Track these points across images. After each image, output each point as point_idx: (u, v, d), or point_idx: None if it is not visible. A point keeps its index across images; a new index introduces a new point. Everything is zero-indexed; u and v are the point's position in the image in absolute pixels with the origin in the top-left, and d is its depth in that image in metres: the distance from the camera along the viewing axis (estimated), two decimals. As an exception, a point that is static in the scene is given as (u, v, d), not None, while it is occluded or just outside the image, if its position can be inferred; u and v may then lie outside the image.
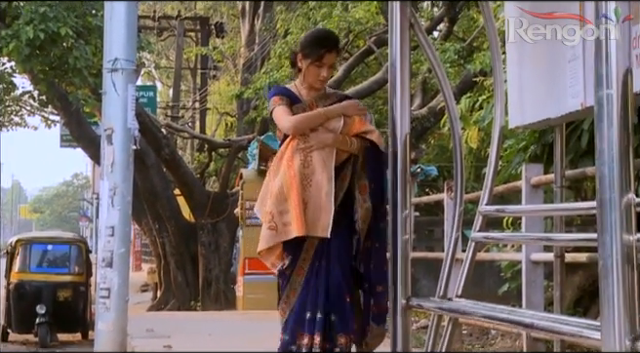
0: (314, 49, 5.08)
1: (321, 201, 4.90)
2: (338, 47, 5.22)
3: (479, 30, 17.06)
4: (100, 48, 13.36)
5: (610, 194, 2.83)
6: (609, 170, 2.83)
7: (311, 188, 4.91)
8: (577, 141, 6.96)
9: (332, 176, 4.94)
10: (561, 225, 5.77)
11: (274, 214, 4.95)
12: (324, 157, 4.95)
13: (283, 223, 4.91)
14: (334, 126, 5.04)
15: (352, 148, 5.06)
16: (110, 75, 4.80)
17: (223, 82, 34.17)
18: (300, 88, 5.21)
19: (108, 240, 4.92)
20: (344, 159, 5.07)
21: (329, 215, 4.90)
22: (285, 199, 4.91)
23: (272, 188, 5.01)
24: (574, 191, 7.53)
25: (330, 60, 5.11)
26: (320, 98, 5.20)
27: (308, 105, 5.14)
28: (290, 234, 4.89)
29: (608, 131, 2.84)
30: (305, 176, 4.93)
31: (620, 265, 2.89)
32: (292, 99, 5.12)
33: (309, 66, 5.09)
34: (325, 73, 5.10)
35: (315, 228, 4.91)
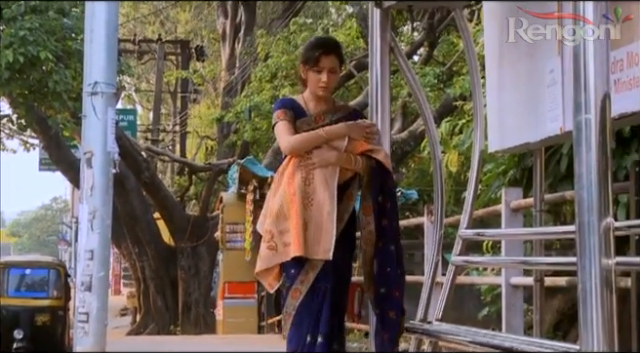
0: (311, 53, 4.84)
1: (322, 221, 4.62)
2: (336, 50, 4.91)
3: (459, 55, 17.14)
4: (79, 72, 13.35)
5: (588, 218, 2.85)
6: (588, 194, 2.85)
7: (312, 207, 4.64)
8: (556, 165, 6.99)
9: (334, 196, 4.66)
10: (540, 249, 5.79)
11: (274, 233, 4.67)
12: (326, 175, 4.69)
13: (283, 243, 4.64)
14: (338, 143, 4.76)
15: (357, 167, 4.77)
16: (90, 98, 4.78)
17: (204, 105, 34.14)
18: (308, 100, 4.90)
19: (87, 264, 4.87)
20: (349, 178, 4.80)
21: (330, 236, 4.60)
22: (285, 218, 4.66)
23: (272, 206, 4.76)
24: (553, 215, 7.56)
25: (328, 64, 4.79)
26: (327, 111, 4.89)
27: (314, 119, 4.84)
28: (289, 254, 4.62)
29: (586, 155, 2.86)
30: (306, 195, 4.66)
31: (599, 289, 2.89)
32: (297, 113, 4.83)
33: (309, 73, 4.84)
34: (324, 78, 4.78)
35: (316, 250, 4.62)
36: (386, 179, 4.83)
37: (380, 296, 4.79)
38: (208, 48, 32.26)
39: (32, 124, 18.48)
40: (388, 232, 4.79)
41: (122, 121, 26.54)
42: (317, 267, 4.65)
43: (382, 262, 4.78)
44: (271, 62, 20.30)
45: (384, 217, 4.79)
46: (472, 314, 10.32)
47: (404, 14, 17.87)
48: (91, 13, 4.85)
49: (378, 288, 4.79)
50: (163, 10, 33.50)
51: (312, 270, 4.66)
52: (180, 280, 21.44)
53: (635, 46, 4.26)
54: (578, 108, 2.87)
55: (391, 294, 4.77)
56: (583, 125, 2.86)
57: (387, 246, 4.78)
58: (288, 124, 4.78)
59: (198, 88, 32.75)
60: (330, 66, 4.79)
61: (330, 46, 4.94)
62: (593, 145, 2.83)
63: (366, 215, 4.78)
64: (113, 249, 24.04)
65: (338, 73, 4.89)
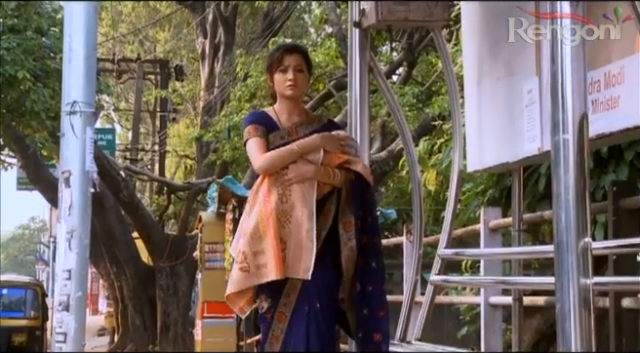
0: (273, 55, 4.70)
1: (301, 239, 4.38)
2: (299, 50, 4.73)
3: (438, 75, 17.21)
4: (58, 91, 13.30)
5: (567, 238, 2.86)
6: (566, 214, 2.86)
7: (290, 225, 4.40)
8: (534, 185, 7.01)
9: (313, 212, 4.42)
10: (519, 269, 5.80)
11: (247, 254, 4.41)
12: (304, 191, 4.46)
13: (256, 266, 4.38)
14: (314, 157, 4.52)
15: (335, 181, 4.54)
16: (69, 118, 4.76)
17: (183, 125, 34.10)
18: (280, 112, 4.67)
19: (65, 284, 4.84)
20: (327, 192, 4.55)
21: (310, 255, 4.36)
22: (260, 238, 4.40)
23: (246, 226, 4.48)
24: (531, 235, 7.57)
25: (292, 61, 4.59)
26: (301, 123, 4.66)
27: (287, 132, 4.61)
28: (264, 277, 4.37)
29: (564, 175, 2.87)
30: (284, 213, 4.41)
31: (578, 309, 2.90)
32: (269, 126, 4.60)
33: (275, 77, 4.64)
34: (291, 75, 4.57)
35: (296, 270, 4.38)
36: (366, 193, 4.62)
37: (362, 319, 4.53)
38: (187, 67, 32.25)
39: (10, 143, 18.41)
40: (369, 249, 4.55)
41: (101, 140, 26.47)
42: (297, 289, 4.42)
43: (364, 281, 4.53)
44: (250, 82, 20.32)
45: (365, 234, 4.56)
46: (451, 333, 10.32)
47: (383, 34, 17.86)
48: (69, 32, 4.84)
49: (360, 309, 4.54)
50: (142, 29, 33.48)
51: (292, 292, 4.44)
52: (158, 299, 21.34)
53: (612, 67, 4.29)
54: (555, 128, 2.88)
55: (375, 314, 4.52)
56: (561, 145, 2.87)
57: (369, 263, 4.54)
58: (259, 140, 4.57)
59: (177, 107, 32.72)
60: (295, 64, 4.60)
61: (291, 46, 4.84)
62: (571, 165, 2.84)
63: (347, 231, 4.53)
64: (91, 268, 23.90)
65: (305, 74, 4.67)
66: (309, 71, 4.70)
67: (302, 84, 4.65)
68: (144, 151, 34.81)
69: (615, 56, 4.29)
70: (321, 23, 23.09)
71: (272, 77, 4.66)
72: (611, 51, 4.31)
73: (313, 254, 4.37)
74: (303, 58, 4.66)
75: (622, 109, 4.23)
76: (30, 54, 14.54)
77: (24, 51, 14.42)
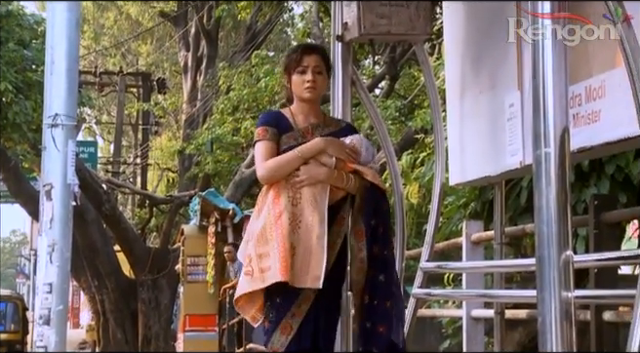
0: (291, 56, 4.45)
1: (311, 246, 4.10)
2: (318, 50, 4.48)
3: (420, 88, 17.25)
4: (39, 103, 13.27)
5: (548, 251, 2.86)
6: (547, 227, 2.87)
7: (300, 230, 4.13)
8: (516, 199, 7.04)
9: (324, 217, 4.16)
10: (501, 282, 5.81)
11: (252, 257, 4.16)
12: (315, 194, 4.20)
13: (260, 269, 4.12)
14: (326, 159, 4.29)
15: (349, 186, 4.30)
16: (50, 130, 4.75)
17: (165, 138, 34.05)
18: (296, 113, 4.43)
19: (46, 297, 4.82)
20: (340, 199, 4.31)
21: (321, 262, 4.09)
22: (266, 241, 4.14)
23: (254, 229, 4.25)
24: (513, 248, 7.60)
25: (311, 62, 4.36)
26: (317, 124, 4.43)
27: (302, 133, 4.36)
28: (267, 280, 4.10)
29: (546, 188, 2.88)
30: (294, 216, 4.15)
31: (559, 322, 2.91)
32: (283, 127, 4.36)
33: (293, 78, 4.41)
34: (309, 77, 4.34)
35: (304, 279, 4.09)
36: (381, 202, 4.38)
37: (364, 331, 4.31)
38: (169, 80, 32.23)
39: (-9, 155, 18.31)
40: (379, 261, 4.29)
41: (82, 153, 26.37)
42: (310, 299, 4.17)
43: (371, 294, 4.30)
44: (233, 95, 20.31)
45: (375, 244, 4.30)
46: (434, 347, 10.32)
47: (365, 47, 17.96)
48: (51, 44, 4.83)
49: (364, 322, 4.31)
50: (124, 42, 33.44)
51: (305, 303, 4.18)
52: (140, 313, 21.24)
53: (593, 80, 4.31)
54: (537, 142, 2.89)
55: (375, 328, 4.27)
56: (543, 159, 2.88)
57: (376, 276, 4.29)
58: (268, 144, 4.32)
59: (159, 120, 32.66)
60: (314, 65, 4.37)
61: (311, 46, 4.63)
62: (553, 179, 2.85)
63: (358, 241, 4.30)
64: (73, 282, 23.79)
65: (324, 75, 4.44)
66: (328, 72, 4.50)
67: (322, 86, 4.44)
68: (126, 164, 34.72)
69: (595, 70, 4.31)
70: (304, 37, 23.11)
71: (290, 78, 4.43)
72: (592, 65, 4.33)
73: (324, 261, 4.11)
74: (323, 59, 4.43)
75: (603, 123, 4.25)
76: (12, 66, 14.50)
77: (6, 63, 14.38)
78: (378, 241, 4.31)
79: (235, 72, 20.90)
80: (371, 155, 4.46)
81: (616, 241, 5.85)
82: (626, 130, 3.94)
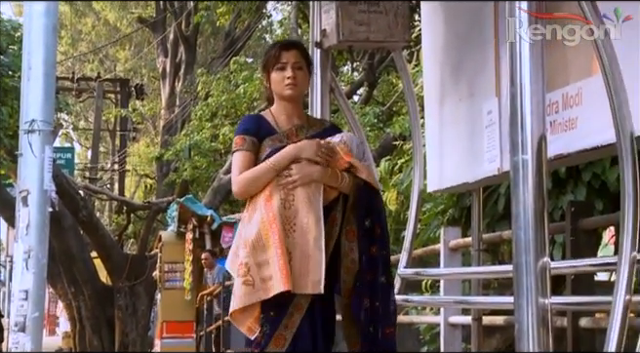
0: (269, 53, 4.23)
1: (308, 249, 3.89)
2: (297, 46, 4.24)
3: (398, 95, 17.29)
4: (16, 109, 13.19)
5: (525, 258, 2.87)
6: (525, 234, 2.88)
7: (295, 234, 3.92)
8: (493, 205, 7.05)
9: (320, 218, 3.94)
10: (479, 288, 5.82)
11: (250, 266, 3.89)
12: (309, 195, 3.99)
13: (262, 278, 3.88)
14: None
15: (343, 185, 4.08)
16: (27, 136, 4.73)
17: (143, 144, 33.98)
18: (278, 114, 4.19)
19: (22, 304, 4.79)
20: (332, 198, 4.08)
21: (319, 266, 3.88)
22: (264, 248, 3.90)
23: (247, 236, 3.97)
24: (491, 254, 7.61)
25: (290, 58, 4.13)
26: (301, 126, 4.18)
27: (286, 135, 4.13)
28: (271, 290, 3.86)
29: (523, 195, 2.89)
30: (287, 219, 3.93)
31: (536, 328, 2.92)
32: (264, 132, 4.12)
33: (272, 77, 4.17)
34: (290, 73, 4.10)
35: (304, 284, 3.89)
36: (374, 201, 4.16)
37: (368, 336, 4.04)
38: (148, 86, 32.16)
39: (-33, 162, 18.20)
40: (379, 262, 4.06)
41: (59, 159, 26.22)
42: (303, 308, 3.95)
43: (372, 297, 4.04)
44: (212, 101, 20.30)
45: (374, 245, 4.07)
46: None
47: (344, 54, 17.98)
48: (28, 50, 4.81)
49: (366, 326, 4.04)
50: (102, 48, 33.36)
51: (297, 311, 3.96)
52: (116, 320, 21.16)
53: (570, 88, 4.34)
54: (515, 149, 2.90)
55: (383, 332, 4.04)
56: (520, 165, 2.89)
57: (378, 278, 4.06)
58: (244, 156, 4.10)
59: (137, 126, 32.58)
60: (293, 61, 4.13)
61: (290, 41, 4.41)
62: (530, 186, 2.86)
63: (349, 241, 4.08)
64: (49, 288, 23.65)
65: (305, 72, 4.19)
66: (309, 69, 4.24)
67: (303, 83, 4.19)
68: (104, 170, 34.61)
69: (572, 77, 4.33)
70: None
71: (269, 77, 4.19)
72: (569, 73, 4.35)
73: (323, 264, 3.90)
74: (302, 55, 4.19)
75: (580, 130, 4.27)
76: (-12, 71, 14.44)
77: (-18, 69, 14.31)
78: (375, 242, 4.07)
79: (214, 78, 20.89)
80: (362, 152, 4.22)
81: (592, 248, 5.87)
82: (603, 137, 3.96)
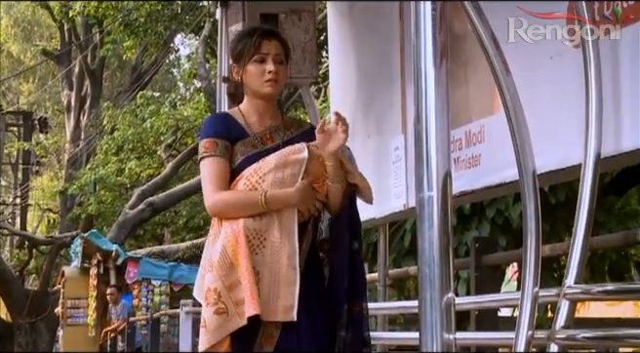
0: (245, 41, 3.50)
1: (280, 268, 3.29)
2: (279, 36, 3.55)
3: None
4: None
5: (430, 293, 2.89)
6: (430, 269, 2.90)
7: (264, 250, 3.30)
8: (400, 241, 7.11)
9: (294, 231, 3.34)
10: (385, 324, 5.84)
11: (220, 290, 3.27)
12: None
13: (235, 303, 3.26)
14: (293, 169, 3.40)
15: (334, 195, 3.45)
16: None
17: (47, 178, 33.40)
18: (249, 114, 3.52)
19: None
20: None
21: (293, 288, 3.28)
22: (232, 266, 3.29)
23: (213, 255, 3.34)
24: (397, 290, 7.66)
25: (272, 49, 3.46)
26: (277, 128, 3.53)
27: (261, 139, 3.49)
28: (244, 315, 3.25)
29: (429, 231, 2.91)
30: (256, 233, 3.31)
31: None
32: (235, 135, 3.47)
33: (248, 68, 3.47)
34: (271, 66, 3.43)
35: (273, 310, 3.28)
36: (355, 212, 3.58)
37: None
38: (52, 119, 31.68)
39: None
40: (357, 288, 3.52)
41: (-41, 192, 25.66)
42: (274, 338, 3.33)
43: (348, 327, 3.48)
44: (118, 135, 20.11)
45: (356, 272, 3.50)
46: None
47: (252, 89, 18.00)
48: None
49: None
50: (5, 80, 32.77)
51: (267, 343, 3.33)
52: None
53: (473, 125, 4.41)
54: (420, 185, 2.93)
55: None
56: (426, 202, 2.92)
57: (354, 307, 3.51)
58: (219, 162, 3.43)
59: (41, 160, 32.03)
60: (275, 53, 3.47)
61: (271, 30, 3.62)
62: (435, 222, 2.89)
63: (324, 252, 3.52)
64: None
65: (285, 67, 3.55)
66: (288, 62, 3.60)
67: (283, 79, 3.54)
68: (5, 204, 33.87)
69: (475, 115, 4.41)
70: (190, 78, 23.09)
71: (244, 68, 3.48)
72: (471, 110, 4.43)
73: (297, 286, 3.29)
74: (283, 46, 3.53)
75: (483, 167, 4.34)
76: None
77: None
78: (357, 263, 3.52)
79: (120, 112, 20.72)
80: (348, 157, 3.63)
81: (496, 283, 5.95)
82: (506, 174, 4.04)
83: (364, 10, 5.28)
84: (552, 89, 3.87)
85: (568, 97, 3.71)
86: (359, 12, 5.54)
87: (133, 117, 20.14)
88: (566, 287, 3.34)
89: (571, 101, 3.66)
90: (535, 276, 3.10)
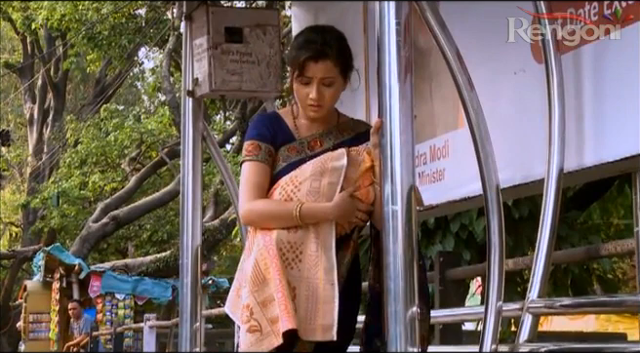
0: (294, 56, 3.23)
1: (317, 284, 3.08)
2: (330, 55, 3.20)
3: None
4: None
5: (395, 307, 2.89)
6: (394, 283, 2.90)
7: (301, 265, 3.10)
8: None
9: (332, 245, 3.13)
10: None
11: (252, 306, 3.08)
12: None
13: (270, 320, 3.06)
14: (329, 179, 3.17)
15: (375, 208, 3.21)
16: None
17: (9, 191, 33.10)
18: (299, 117, 3.32)
19: None
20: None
21: (332, 306, 3.08)
22: (265, 281, 3.08)
23: (247, 269, 3.16)
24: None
25: (318, 73, 3.18)
26: (328, 132, 3.30)
27: (308, 145, 3.27)
28: (281, 334, 3.03)
29: (394, 245, 2.92)
30: (290, 246, 3.11)
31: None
32: (281, 137, 3.27)
33: (295, 86, 3.26)
34: (314, 94, 3.18)
35: (311, 329, 3.08)
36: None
37: None
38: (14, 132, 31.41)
39: None
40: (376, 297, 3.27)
41: None
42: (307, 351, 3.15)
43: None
44: (81, 148, 20.00)
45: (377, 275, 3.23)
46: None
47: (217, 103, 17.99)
48: None
49: None
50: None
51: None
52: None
53: (437, 140, 4.43)
54: (386, 200, 2.94)
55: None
56: (391, 216, 2.93)
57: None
58: (260, 168, 3.24)
59: (3, 173, 31.75)
60: (321, 76, 3.20)
61: (319, 49, 3.22)
62: (400, 236, 2.90)
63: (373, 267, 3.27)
64: None
65: (338, 85, 3.25)
66: (346, 72, 3.27)
67: (332, 99, 3.26)
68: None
69: (439, 130, 4.43)
70: (154, 91, 23.04)
71: (291, 75, 3.27)
72: (436, 125, 4.45)
73: (336, 303, 3.09)
74: (335, 64, 3.22)
75: (448, 182, 4.36)
76: None
77: None
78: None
79: (83, 125, 20.62)
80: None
81: (460, 297, 5.97)
82: (470, 188, 4.06)
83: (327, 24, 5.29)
84: (516, 104, 3.89)
85: (531, 112, 3.74)
86: (324, 26, 5.55)
87: (96, 130, 20.05)
88: (529, 301, 3.36)
89: (534, 117, 3.69)
90: (498, 290, 3.12)
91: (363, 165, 3.19)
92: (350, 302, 3.22)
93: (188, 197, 5.19)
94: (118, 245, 24.39)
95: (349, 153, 3.20)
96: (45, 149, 24.43)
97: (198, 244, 4.87)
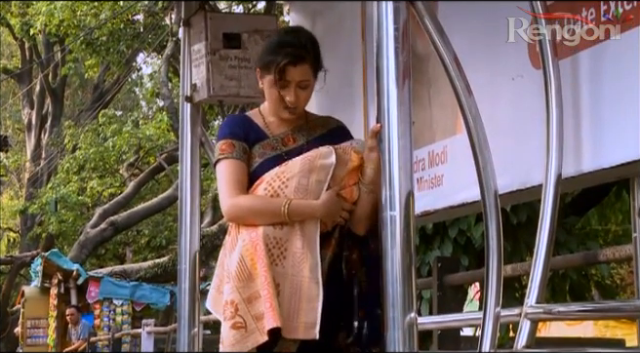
0: (270, 60, 3.21)
1: (301, 282, 3.05)
2: (307, 58, 3.21)
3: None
4: None
5: (393, 313, 2.89)
6: (392, 289, 2.90)
7: (285, 261, 3.06)
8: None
9: (317, 242, 3.10)
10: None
11: (237, 302, 3.04)
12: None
13: (255, 316, 3.03)
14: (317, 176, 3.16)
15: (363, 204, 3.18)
16: None
17: (7, 197, 33.09)
18: (268, 114, 3.32)
19: None
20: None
21: (315, 303, 3.03)
22: (251, 276, 3.05)
23: (229, 266, 3.11)
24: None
25: (296, 76, 3.20)
26: (299, 128, 3.31)
27: (282, 141, 3.28)
28: (266, 330, 3.00)
29: (391, 251, 2.92)
30: (276, 242, 3.08)
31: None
32: (253, 137, 3.26)
33: (269, 88, 3.24)
34: (292, 97, 3.20)
35: (294, 327, 3.03)
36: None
37: None
38: (12, 138, 31.41)
39: None
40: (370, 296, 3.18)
41: None
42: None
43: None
44: (79, 154, 20.00)
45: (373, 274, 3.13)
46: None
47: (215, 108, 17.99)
48: None
49: None
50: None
51: None
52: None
53: (436, 146, 4.44)
54: (383, 205, 2.94)
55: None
56: (389, 221, 2.92)
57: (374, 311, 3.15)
58: (236, 165, 3.22)
59: (0, 178, 31.75)
60: (299, 79, 3.22)
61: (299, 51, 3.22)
62: (398, 241, 2.89)
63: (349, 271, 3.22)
64: None
65: (312, 87, 3.29)
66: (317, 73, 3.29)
67: (306, 100, 3.29)
68: (-35, 223, 33.54)
69: (438, 136, 4.44)
70: (152, 97, 23.05)
71: (263, 77, 3.27)
72: (434, 131, 4.45)
73: (319, 302, 3.05)
74: (311, 67, 3.24)
75: (446, 187, 4.36)
76: None
77: None
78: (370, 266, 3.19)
79: (81, 131, 20.62)
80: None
81: (458, 303, 5.97)
82: (468, 194, 4.06)
83: (326, 30, 5.29)
84: (514, 110, 3.90)
85: (529, 117, 3.75)
86: (321, 32, 5.55)
87: (94, 136, 20.04)
88: (527, 306, 3.36)
89: (532, 122, 3.70)
90: (497, 296, 3.11)
91: (351, 164, 3.17)
92: (331, 301, 3.11)
93: (186, 202, 5.19)
94: (116, 250, 24.38)
95: (336, 151, 3.18)
96: (43, 155, 24.42)
97: (196, 249, 4.87)
